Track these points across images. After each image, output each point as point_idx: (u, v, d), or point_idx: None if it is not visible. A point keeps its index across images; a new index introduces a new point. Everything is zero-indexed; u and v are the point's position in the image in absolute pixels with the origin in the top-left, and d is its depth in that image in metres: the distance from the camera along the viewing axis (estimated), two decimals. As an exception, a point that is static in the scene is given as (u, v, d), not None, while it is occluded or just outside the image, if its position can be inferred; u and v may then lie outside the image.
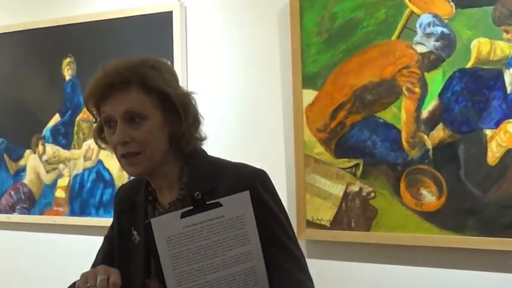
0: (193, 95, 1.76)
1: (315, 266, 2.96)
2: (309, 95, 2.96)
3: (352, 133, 2.88)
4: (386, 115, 2.81)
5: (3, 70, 3.88)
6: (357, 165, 2.88)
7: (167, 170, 1.72)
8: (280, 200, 1.76)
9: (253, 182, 1.67)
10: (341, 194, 2.90)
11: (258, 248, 1.53)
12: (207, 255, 1.47)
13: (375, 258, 2.89)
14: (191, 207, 1.47)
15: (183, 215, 1.46)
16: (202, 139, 1.79)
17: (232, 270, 1.50)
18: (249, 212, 1.51)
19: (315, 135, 2.95)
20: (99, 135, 1.75)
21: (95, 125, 1.78)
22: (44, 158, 3.71)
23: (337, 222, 2.91)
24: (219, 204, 1.48)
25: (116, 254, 1.81)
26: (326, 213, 2.93)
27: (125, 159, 1.65)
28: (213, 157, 1.81)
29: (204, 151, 1.80)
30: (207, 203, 1.48)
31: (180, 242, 1.46)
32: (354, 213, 2.88)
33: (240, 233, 1.51)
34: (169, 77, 1.72)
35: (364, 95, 2.85)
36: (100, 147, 1.79)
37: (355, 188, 2.88)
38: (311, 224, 2.96)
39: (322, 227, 2.94)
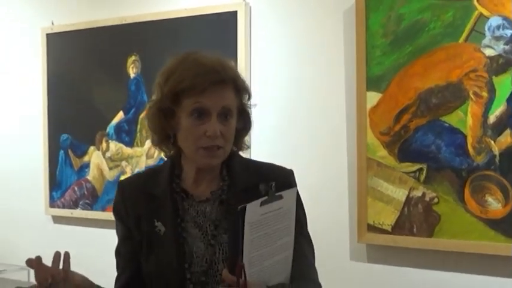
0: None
1: (375, 271, 3.05)
2: (373, 98, 2.99)
3: (416, 137, 2.90)
4: (452, 119, 2.83)
5: (69, 68, 4.05)
6: (420, 170, 2.90)
7: (218, 165, 1.83)
8: None
9: (292, 179, 1.87)
10: (403, 198, 2.93)
11: (293, 238, 1.66)
12: (268, 243, 1.58)
13: (437, 265, 2.90)
14: (266, 197, 1.55)
15: (262, 203, 1.55)
16: (247, 142, 1.93)
17: (278, 258, 1.62)
18: (294, 206, 1.65)
19: (378, 138, 2.99)
20: (166, 119, 1.77)
21: (156, 108, 1.79)
22: (108, 154, 3.86)
23: (398, 227, 2.94)
24: (281, 197, 1.58)
25: (139, 248, 1.84)
26: (388, 218, 2.96)
27: (205, 150, 1.73)
28: (246, 157, 1.97)
29: (238, 153, 1.92)
30: (276, 194, 1.58)
31: (256, 228, 1.54)
32: (416, 219, 2.90)
33: (287, 224, 1.64)
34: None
35: (429, 98, 2.87)
36: (153, 131, 1.83)
37: (418, 193, 2.90)
38: (372, 228, 3.00)
39: (383, 231, 2.97)
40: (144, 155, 3.69)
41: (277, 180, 1.64)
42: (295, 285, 1.70)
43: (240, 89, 1.79)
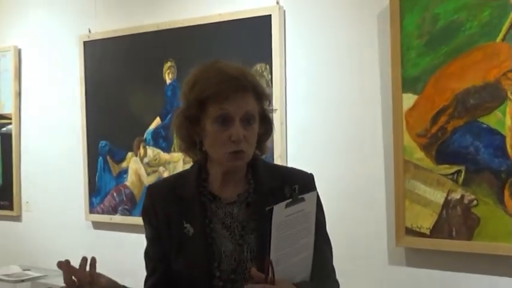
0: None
1: (414, 275, 3.03)
2: (409, 99, 2.98)
3: (453, 138, 2.89)
4: (490, 120, 2.80)
5: (107, 75, 4.12)
6: (458, 172, 2.88)
7: (243, 168, 1.93)
8: None
9: (312, 183, 1.97)
10: (442, 201, 2.91)
11: (313, 239, 1.77)
12: (291, 243, 1.69)
13: (477, 268, 2.88)
14: (290, 200, 1.66)
15: (286, 205, 1.65)
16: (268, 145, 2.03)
17: (299, 257, 1.74)
18: (314, 208, 1.76)
19: (415, 140, 2.97)
20: (192, 126, 1.86)
21: (183, 116, 1.87)
22: (145, 160, 3.91)
23: (437, 231, 2.92)
24: (303, 199, 1.69)
25: (169, 249, 1.91)
26: (426, 221, 2.95)
27: (232, 154, 1.82)
28: (269, 162, 2.13)
29: (261, 157, 2.02)
30: (299, 197, 1.69)
31: (282, 228, 1.65)
32: (455, 222, 2.88)
33: (308, 226, 1.74)
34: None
35: (466, 99, 2.85)
36: (181, 138, 1.91)
37: (456, 195, 2.88)
38: (410, 232, 2.98)
39: (421, 234, 2.96)
40: (181, 160, 3.73)
41: (299, 183, 1.76)
42: (317, 283, 1.83)
43: (261, 96, 1.88)
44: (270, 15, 3.39)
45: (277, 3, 3.39)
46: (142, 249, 3.96)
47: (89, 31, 4.17)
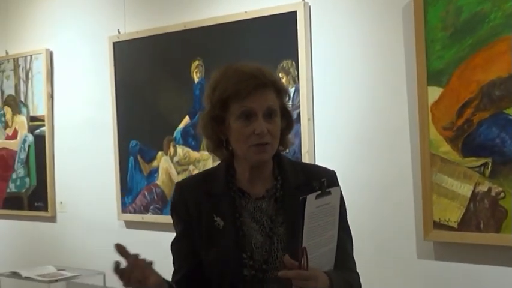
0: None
1: (443, 269, 3.07)
2: (434, 92, 3.02)
3: (480, 131, 2.92)
4: (516, 112, 2.83)
5: (136, 75, 4.23)
6: (485, 165, 2.91)
7: (269, 163, 2.02)
8: None
9: (335, 178, 2.06)
10: (469, 194, 2.94)
11: (337, 232, 1.86)
12: (319, 233, 1.77)
13: (506, 261, 2.91)
14: (319, 192, 1.75)
15: (316, 197, 1.74)
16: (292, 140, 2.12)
17: (325, 249, 1.82)
18: (338, 202, 1.85)
19: (441, 133, 3.02)
20: (218, 125, 1.97)
21: (209, 116, 1.97)
22: (175, 159, 4.00)
23: (465, 224, 2.96)
24: (330, 193, 1.79)
25: (199, 242, 1.99)
26: (453, 214, 2.99)
27: (257, 147, 1.92)
28: (291, 158, 2.23)
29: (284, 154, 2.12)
30: (326, 190, 1.78)
31: (312, 219, 1.74)
32: (483, 214, 2.92)
33: (333, 219, 1.83)
34: None
35: (492, 91, 2.88)
36: (207, 138, 2.02)
37: (483, 188, 2.91)
38: (438, 225, 3.02)
39: (449, 228, 3.00)
40: (211, 158, 3.80)
41: (324, 177, 1.87)
42: (343, 273, 1.91)
43: (280, 91, 1.99)
44: (296, 11, 3.46)
45: (303, -1, 3.47)
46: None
47: (118, 32, 4.28)
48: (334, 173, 2.09)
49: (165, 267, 4.06)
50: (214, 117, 1.96)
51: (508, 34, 2.85)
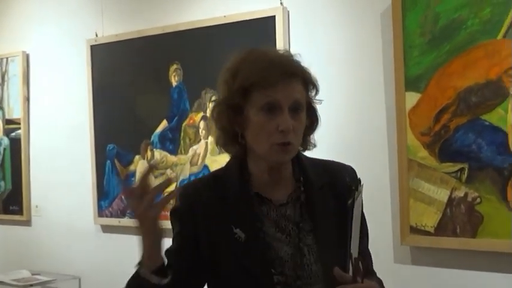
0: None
1: (419, 274, 3.08)
2: (412, 98, 3.03)
3: (456, 136, 2.93)
4: (492, 118, 2.85)
5: (114, 78, 4.21)
6: (462, 170, 2.92)
7: (287, 164, 1.82)
8: None
9: (356, 174, 1.89)
10: (445, 199, 2.95)
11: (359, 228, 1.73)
12: (355, 236, 1.65)
13: (481, 266, 2.92)
14: (356, 192, 1.66)
15: (356, 197, 1.65)
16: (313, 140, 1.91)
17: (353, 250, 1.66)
18: (361, 202, 1.74)
19: (418, 139, 3.02)
20: (235, 116, 1.75)
21: (224, 105, 1.77)
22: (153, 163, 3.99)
23: (441, 229, 2.97)
24: (360, 192, 1.68)
25: (210, 255, 1.77)
26: (430, 219, 3.00)
27: (279, 147, 1.70)
28: (308, 156, 1.93)
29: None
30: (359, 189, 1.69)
31: (355, 222, 1.64)
32: (459, 219, 2.93)
33: (359, 217, 1.71)
34: None
35: (469, 97, 2.89)
36: (221, 129, 1.80)
37: (460, 193, 2.92)
38: (415, 230, 3.03)
39: (426, 233, 3.01)
40: (188, 163, 3.81)
41: (347, 173, 1.85)
42: (376, 278, 1.88)
43: (309, 83, 1.78)
44: (274, 16, 3.46)
45: (281, 4, 3.46)
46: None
47: (96, 35, 4.26)
48: (353, 168, 1.93)
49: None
50: (231, 106, 1.74)
51: (484, 41, 2.87)
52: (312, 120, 1.82)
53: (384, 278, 3.12)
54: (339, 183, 1.79)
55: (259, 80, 1.69)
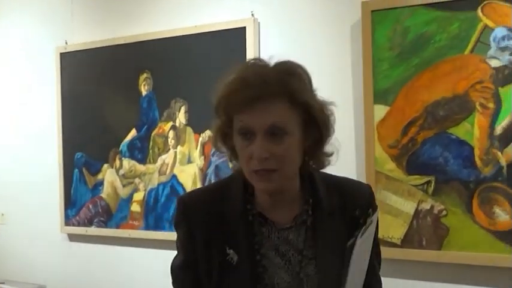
0: (332, 107, 1.70)
1: (386, 285, 3.05)
2: (380, 111, 3.04)
3: (423, 149, 2.94)
4: (458, 131, 2.86)
5: (83, 86, 4.15)
6: (428, 183, 2.93)
7: (292, 186, 1.67)
8: None
9: (373, 196, 1.77)
10: (412, 211, 2.96)
11: (369, 255, 1.67)
12: (357, 269, 1.57)
13: (447, 278, 2.93)
14: (364, 226, 1.54)
15: (362, 234, 1.53)
16: (330, 155, 1.72)
17: (359, 281, 1.62)
18: (374, 226, 1.64)
19: (386, 151, 3.03)
20: (223, 139, 1.66)
21: (215, 127, 1.68)
22: (121, 172, 3.94)
23: (408, 241, 2.97)
24: (372, 222, 1.58)
25: (205, 278, 1.67)
26: (397, 231, 3.00)
27: (258, 174, 1.57)
28: (323, 172, 1.77)
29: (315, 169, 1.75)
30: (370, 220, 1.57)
31: (356, 258, 1.53)
32: (425, 232, 2.93)
33: (369, 247, 1.63)
34: (311, 87, 1.66)
35: (436, 110, 2.91)
36: (219, 151, 1.70)
37: (426, 205, 2.93)
38: (381, 242, 2.88)
39: (392, 245, 3.00)
40: (157, 172, 3.77)
41: (361, 200, 1.69)
42: None
43: (297, 101, 1.57)
44: (245, 27, 3.45)
45: (252, 15, 3.45)
46: (117, 261, 4.01)
47: (66, 43, 4.21)
48: (370, 188, 1.78)
49: (108, 279, 4.01)
50: (219, 130, 1.65)
51: (452, 55, 2.88)
52: (316, 137, 1.64)
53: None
54: (351, 207, 1.63)
55: (233, 106, 1.56)
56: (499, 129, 2.79)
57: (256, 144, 1.53)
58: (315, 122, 1.61)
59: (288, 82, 1.56)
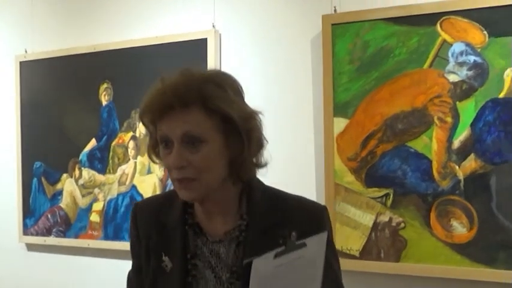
0: (259, 115, 1.64)
1: (344, 296, 3.03)
2: (340, 124, 3.01)
3: (382, 162, 2.92)
4: (417, 145, 2.85)
5: (43, 95, 4.05)
6: (387, 195, 2.91)
7: (222, 196, 1.61)
8: None
9: (323, 218, 1.64)
10: (371, 223, 2.93)
11: (320, 284, 1.46)
12: None
13: (405, 290, 2.90)
14: (283, 247, 1.35)
15: (276, 255, 1.35)
16: (261, 165, 1.66)
17: None
18: (323, 252, 1.44)
19: (345, 164, 3.00)
20: (154, 149, 1.63)
21: (148, 137, 1.65)
22: (80, 182, 3.85)
23: (366, 253, 2.95)
24: (304, 245, 1.39)
25: (144, 281, 1.68)
26: (355, 243, 2.97)
27: (178, 183, 1.54)
28: (271, 187, 1.72)
29: (260, 181, 1.70)
30: (296, 243, 1.38)
31: (268, 282, 1.36)
32: (384, 244, 2.91)
33: (311, 273, 1.44)
34: (234, 95, 1.59)
35: (395, 124, 2.89)
36: (154, 162, 1.66)
37: (385, 218, 2.91)
38: (340, 254, 2.94)
39: (351, 256, 2.97)
40: (117, 182, 3.70)
41: (304, 220, 1.54)
42: None
43: (214, 110, 1.52)
44: (206, 38, 3.40)
45: (213, 27, 3.41)
46: (76, 271, 3.91)
47: (26, 51, 4.11)
48: (324, 209, 1.66)
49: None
50: (150, 139, 1.63)
51: (411, 69, 2.87)
52: (241, 147, 1.56)
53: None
54: (289, 227, 1.39)
55: (151, 114, 1.55)
56: (456, 143, 2.78)
57: (172, 153, 1.51)
58: (237, 131, 1.55)
59: (201, 89, 1.52)
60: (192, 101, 1.51)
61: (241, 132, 1.55)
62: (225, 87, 1.57)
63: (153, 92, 1.55)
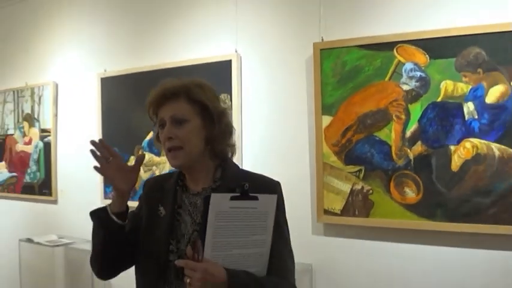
0: (228, 111, 1.68)
1: (331, 243, 3.02)
2: (326, 120, 2.98)
3: (357, 147, 2.89)
4: (381, 134, 2.82)
5: (117, 102, 4.04)
6: (360, 171, 2.88)
7: (202, 167, 1.63)
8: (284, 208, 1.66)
9: (275, 189, 1.61)
10: (348, 190, 2.91)
11: (270, 239, 1.44)
12: (237, 234, 1.38)
13: (372, 237, 2.89)
14: (238, 194, 1.35)
15: (231, 198, 1.35)
16: (231, 144, 1.67)
17: (249, 251, 1.42)
18: (273, 210, 1.42)
19: (330, 148, 2.97)
20: (157, 137, 1.67)
21: (154, 128, 1.69)
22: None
23: (345, 211, 2.92)
24: (256, 198, 1.39)
25: (143, 224, 1.67)
26: (338, 205, 2.95)
27: (169, 153, 1.57)
28: (241, 168, 1.77)
29: (234, 162, 1.70)
30: (249, 194, 1.37)
31: (223, 218, 1.34)
32: (357, 205, 2.89)
33: (263, 225, 1.42)
34: (210, 94, 1.64)
35: (365, 120, 2.86)
36: (158, 144, 1.69)
37: (358, 186, 2.88)
38: (327, 212, 2.98)
39: (335, 214, 2.96)
40: (167, 162, 3.68)
41: (261, 187, 1.47)
42: (267, 279, 1.47)
43: (194, 99, 1.59)
44: (231, 60, 3.36)
45: (236, 51, 3.37)
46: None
47: (105, 70, 4.10)
48: (277, 184, 1.63)
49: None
50: (155, 129, 1.66)
51: (376, 81, 2.83)
52: (219, 128, 1.60)
53: (304, 245, 3.09)
54: (248, 189, 1.41)
55: (153, 105, 1.62)
56: (408, 133, 2.74)
57: (165, 129, 1.57)
58: (211, 116, 1.59)
59: (186, 85, 1.60)
60: (180, 93, 1.58)
61: (213, 116, 1.59)
62: (204, 88, 1.64)
63: (154, 90, 1.63)
